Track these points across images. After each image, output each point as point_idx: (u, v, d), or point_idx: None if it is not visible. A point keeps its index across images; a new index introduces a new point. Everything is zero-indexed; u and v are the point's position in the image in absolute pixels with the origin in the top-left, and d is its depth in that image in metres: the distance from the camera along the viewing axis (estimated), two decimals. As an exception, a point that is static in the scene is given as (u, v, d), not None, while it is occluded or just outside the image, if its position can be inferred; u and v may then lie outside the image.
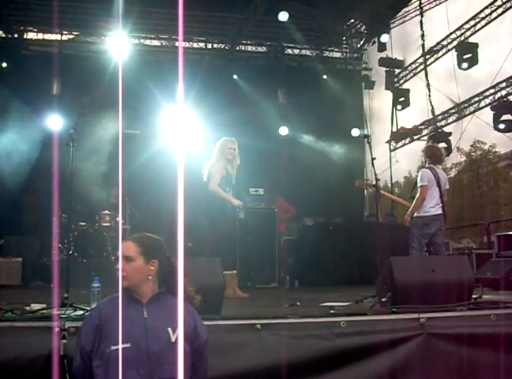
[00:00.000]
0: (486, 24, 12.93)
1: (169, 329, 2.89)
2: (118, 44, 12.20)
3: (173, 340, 2.88)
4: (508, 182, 35.53)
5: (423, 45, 14.21)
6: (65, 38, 13.56)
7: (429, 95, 14.21)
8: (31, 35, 13.49)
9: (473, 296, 4.96)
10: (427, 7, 13.63)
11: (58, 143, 10.36)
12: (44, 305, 4.39)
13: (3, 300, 4.56)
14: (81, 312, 4.15)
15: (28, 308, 4.31)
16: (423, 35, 13.98)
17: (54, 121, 10.57)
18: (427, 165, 7.73)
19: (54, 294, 4.21)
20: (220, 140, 7.50)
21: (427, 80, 14.18)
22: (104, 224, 9.99)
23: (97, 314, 2.95)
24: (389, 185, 15.07)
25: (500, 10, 12.55)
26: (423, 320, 4.17)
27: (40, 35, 13.53)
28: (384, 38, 13.02)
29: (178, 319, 2.53)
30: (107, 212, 10.07)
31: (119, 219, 9.74)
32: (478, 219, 28.16)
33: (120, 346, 2.77)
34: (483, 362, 4.10)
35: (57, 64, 11.47)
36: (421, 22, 13.74)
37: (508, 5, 12.27)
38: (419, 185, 7.43)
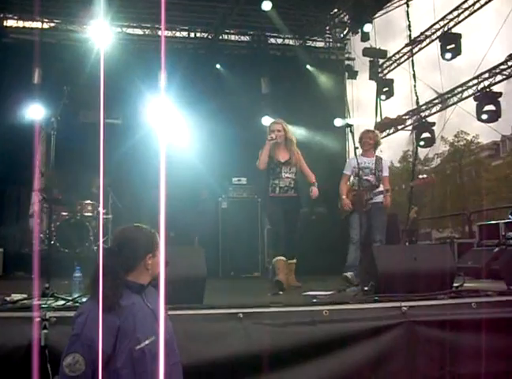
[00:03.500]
0: (469, 15, 12.92)
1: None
2: (100, 33, 12.04)
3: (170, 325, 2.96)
4: (489, 173, 35.82)
5: (409, 36, 14.14)
6: (46, 26, 13.32)
7: (414, 86, 14.22)
8: (11, 23, 13.23)
9: (455, 285, 5.00)
10: (411, -4, 13.59)
11: (39, 132, 10.29)
12: (25, 296, 4.35)
13: (-17, 291, 4.51)
14: (62, 302, 4.12)
15: (8, 298, 4.27)
16: (409, 26, 13.92)
17: (36, 111, 10.45)
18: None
19: (35, 285, 4.18)
20: None
21: (414, 70, 14.15)
22: (86, 214, 9.93)
23: (115, 316, 2.71)
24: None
25: (483, 1, 12.57)
26: (405, 308, 4.20)
27: (21, 23, 13.27)
28: (367, 28, 12.99)
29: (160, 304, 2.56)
30: (88, 201, 10.01)
31: (100, 208, 9.67)
32: (460, 209, 28.37)
33: (161, 338, 2.65)
34: (465, 348, 4.14)
35: (38, 52, 11.27)
36: (407, 13, 13.67)
37: (491, -5, 12.31)
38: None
